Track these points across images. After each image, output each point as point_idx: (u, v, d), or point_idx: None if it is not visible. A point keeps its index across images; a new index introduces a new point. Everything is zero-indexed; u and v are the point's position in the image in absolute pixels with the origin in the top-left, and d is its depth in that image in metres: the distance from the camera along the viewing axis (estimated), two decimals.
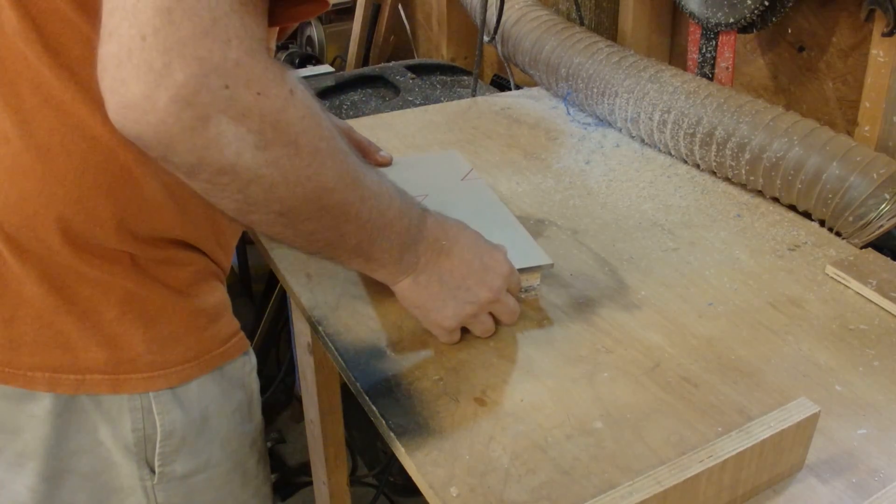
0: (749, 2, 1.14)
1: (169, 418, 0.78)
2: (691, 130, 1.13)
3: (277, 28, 0.72)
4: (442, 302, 0.79)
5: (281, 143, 0.60)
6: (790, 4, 1.12)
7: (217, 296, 0.82)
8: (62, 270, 0.72)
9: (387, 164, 1.10)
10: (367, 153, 1.09)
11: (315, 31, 2.27)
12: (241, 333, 0.85)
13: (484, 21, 1.54)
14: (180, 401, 0.78)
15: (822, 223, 1.03)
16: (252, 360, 0.87)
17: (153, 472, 0.80)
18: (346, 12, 2.33)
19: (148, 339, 0.76)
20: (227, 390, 0.83)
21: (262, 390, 2.13)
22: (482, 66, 1.76)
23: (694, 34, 1.28)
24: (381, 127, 1.33)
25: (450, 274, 0.79)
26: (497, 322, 0.83)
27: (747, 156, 1.06)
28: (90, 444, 0.77)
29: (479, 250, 0.81)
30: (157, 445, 0.78)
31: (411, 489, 1.59)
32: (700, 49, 1.27)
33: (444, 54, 2.03)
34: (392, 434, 0.71)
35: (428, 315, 0.80)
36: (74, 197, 0.71)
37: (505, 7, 1.51)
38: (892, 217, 0.95)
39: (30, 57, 0.68)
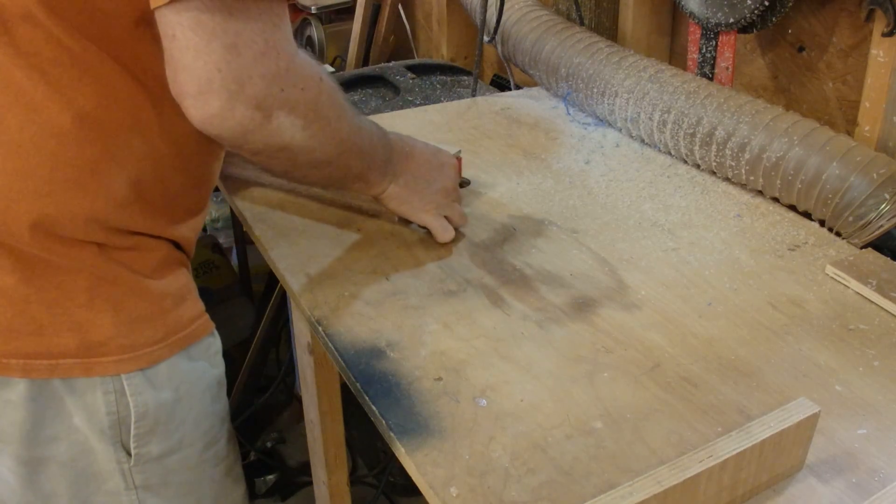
0: (749, 2, 1.14)
1: (141, 399, 0.81)
2: (691, 130, 1.13)
3: None
4: (420, 195, 0.97)
5: (317, 120, 0.78)
6: (790, 4, 1.12)
7: (182, 280, 0.86)
8: (32, 260, 0.75)
9: None
10: None
11: (315, 31, 2.27)
12: (206, 315, 0.88)
13: (484, 21, 1.54)
14: (151, 382, 0.81)
15: (822, 223, 1.03)
16: (217, 342, 0.91)
17: (129, 454, 0.83)
18: (346, 12, 2.32)
19: (117, 323, 0.79)
20: (196, 371, 0.86)
21: (262, 390, 2.12)
22: (482, 66, 1.76)
23: (694, 34, 1.28)
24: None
25: (419, 169, 0.97)
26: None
27: (747, 156, 1.06)
28: (66, 431, 0.80)
29: (429, 149, 1.00)
30: (132, 427, 0.81)
31: (411, 489, 1.60)
32: (700, 49, 1.27)
33: (444, 54, 2.03)
34: (392, 434, 0.71)
35: (415, 210, 0.97)
36: (45, 191, 0.74)
37: (505, 7, 1.51)
38: (892, 217, 0.95)
39: (0, 59, 0.71)
